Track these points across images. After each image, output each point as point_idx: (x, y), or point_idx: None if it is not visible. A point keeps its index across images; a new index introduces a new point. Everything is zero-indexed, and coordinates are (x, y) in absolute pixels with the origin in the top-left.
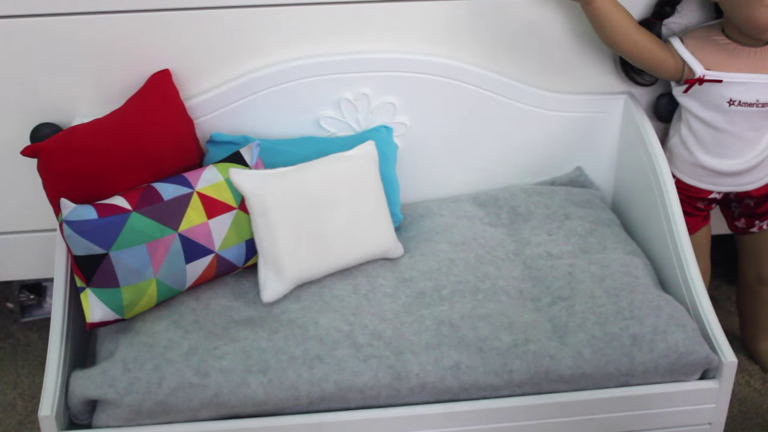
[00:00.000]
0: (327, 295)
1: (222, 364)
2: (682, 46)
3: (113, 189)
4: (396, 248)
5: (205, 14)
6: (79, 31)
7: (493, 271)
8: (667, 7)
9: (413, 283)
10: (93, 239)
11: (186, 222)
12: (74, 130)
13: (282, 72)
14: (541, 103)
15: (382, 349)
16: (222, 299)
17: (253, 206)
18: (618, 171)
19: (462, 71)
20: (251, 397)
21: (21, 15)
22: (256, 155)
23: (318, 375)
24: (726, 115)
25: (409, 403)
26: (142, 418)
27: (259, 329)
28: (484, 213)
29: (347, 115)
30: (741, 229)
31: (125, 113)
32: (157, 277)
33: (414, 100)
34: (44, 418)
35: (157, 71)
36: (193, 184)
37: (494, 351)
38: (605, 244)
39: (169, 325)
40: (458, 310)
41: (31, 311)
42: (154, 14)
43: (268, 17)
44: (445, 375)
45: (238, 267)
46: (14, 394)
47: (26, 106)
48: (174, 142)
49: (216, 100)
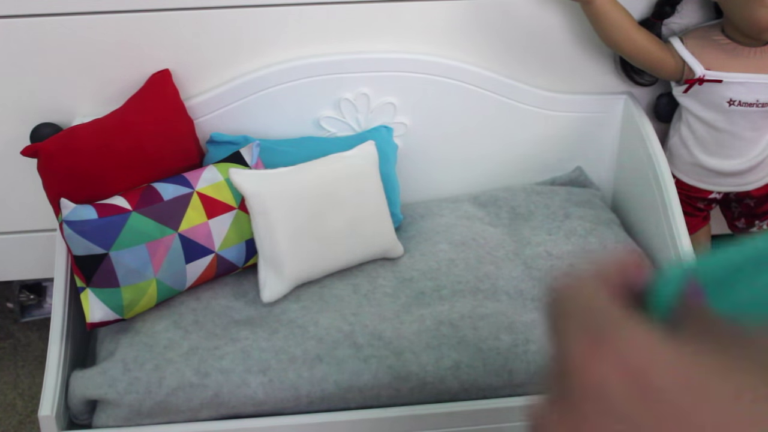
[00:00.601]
0: (327, 295)
1: (222, 364)
2: (682, 46)
3: (113, 189)
4: (396, 248)
5: (205, 14)
6: (79, 31)
7: (493, 271)
8: (667, 7)
9: (413, 283)
10: (93, 239)
11: (186, 222)
12: (74, 130)
13: (282, 72)
14: (541, 103)
15: (382, 349)
16: (222, 299)
17: (253, 206)
18: (618, 171)
19: (462, 71)
20: (251, 397)
21: (21, 15)
22: (256, 155)
23: (318, 375)
24: (726, 115)
25: (409, 403)
26: (142, 418)
27: (259, 329)
28: (484, 213)
29: (347, 115)
30: (741, 229)
31: (125, 113)
32: (157, 277)
33: (414, 100)
34: (44, 418)
35: (157, 71)
36: (193, 184)
37: (494, 351)
38: (605, 244)
39: (169, 325)
40: (458, 310)
41: (31, 311)
42: (154, 14)
43: (268, 17)
44: (445, 375)
45: (238, 267)
46: (14, 394)
47: (26, 106)
48: (174, 142)
49: (216, 100)
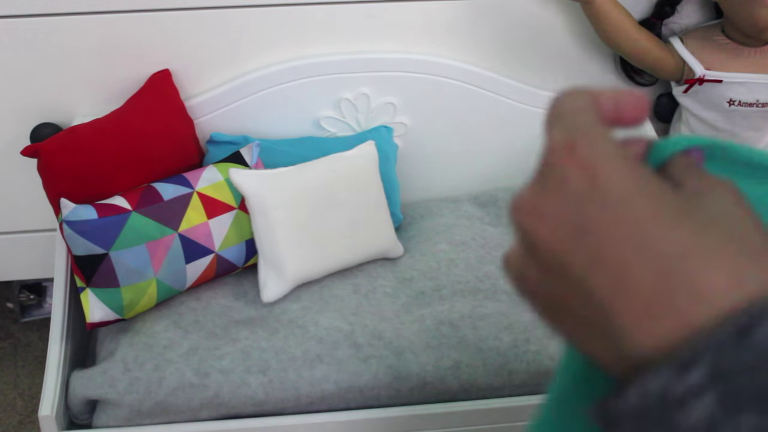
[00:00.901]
0: (327, 295)
1: (222, 364)
2: (682, 46)
3: (113, 189)
4: (396, 248)
5: (205, 14)
6: (79, 31)
7: (493, 271)
8: (667, 7)
9: (413, 283)
10: (93, 239)
11: (186, 222)
12: (74, 130)
13: (282, 72)
14: (541, 103)
15: (382, 349)
16: (222, 299)
17: (253, 206)
18: None
19: (462, 71)
20: (251, 397)
21: (21, 15)
22: (256, 155)
23: (318, 375)
24: (726, 115)
25: (409, 403)
26: (142, 418)
27: (259, 329)
28: (484, 213)
29: (347, 115)
30: None
31: (125, 113)
32: (157, 277)
33: (414, 100)
34: (44, 418)
35: (157, 71)
36: (193, 184)
37: (494, 351)
38: None
39: (169, 325)
40: (458, 310)
41: (31, 311)
42: (154, 14)
43: (268, 17)
44: (445, 375)
45: (238, 267)
46: (14, 394)
47: (26, 106)
48: (174, 142)
49: (216, 100)
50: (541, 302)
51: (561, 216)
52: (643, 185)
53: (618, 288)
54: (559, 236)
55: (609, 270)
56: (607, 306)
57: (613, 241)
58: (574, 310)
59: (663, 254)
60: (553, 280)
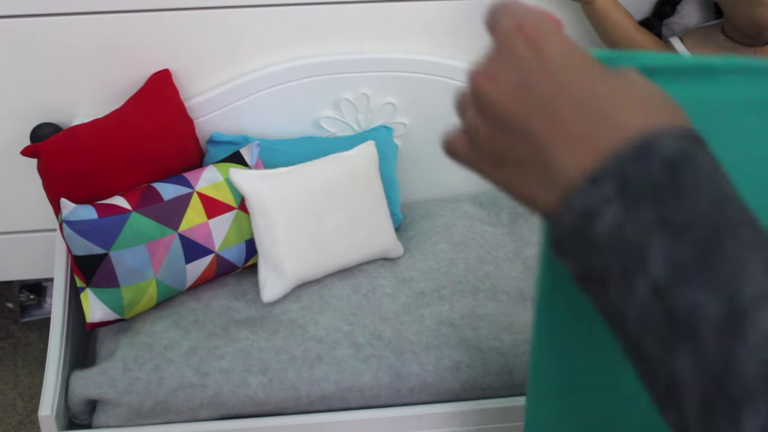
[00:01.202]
0: (327, 295)
1: (222, 364)
2: (682, 46)
3: (113, 189)
4: (396, 248)
5: (205, 14)
6: (79, 31)
7: (493, 271)
8: (667, 6)
9: (413, 283)
10: (93, 239)
11: (186, 222)
12: (74, 130)
13: (282, 72)
14: None
15: (382, 349)
16: (222, 299)
17: (253, 206)
18: None
19: (462, 71)
20: (251, 397)
21: (21, 15)
22: (256, 155)
23: (318, 375)
24: None
25: (409, 403)
26: (142, 418)
27: (259, 329)
28: (484, 213)
29: (347, 115)
30: None
31: (125, 113)
32: (157, 277)
33: (414, 100)
34: (44, 418)
35: (157, 71)
36: (193, 184)
37: (494, 351)
38: None
39: (169, 325)
40: (458, 310)
41: (31, 311)
42: (154, 14)
43: (269, 17)
44: (445, 375)
45: (238, 267)
46: (14, 394)
47: (26, 106)
48: (174, 142)
49: (216, 100)
50: (488, 154)
51: (509, 77)
52: (576, 54)
53: (553, 129)
54: (507, 92)
55: (546, 116)
56: (543, 144)
57: (550, 94)
58: (516, 155)
59: (588, 101)
60: (500, 131)
